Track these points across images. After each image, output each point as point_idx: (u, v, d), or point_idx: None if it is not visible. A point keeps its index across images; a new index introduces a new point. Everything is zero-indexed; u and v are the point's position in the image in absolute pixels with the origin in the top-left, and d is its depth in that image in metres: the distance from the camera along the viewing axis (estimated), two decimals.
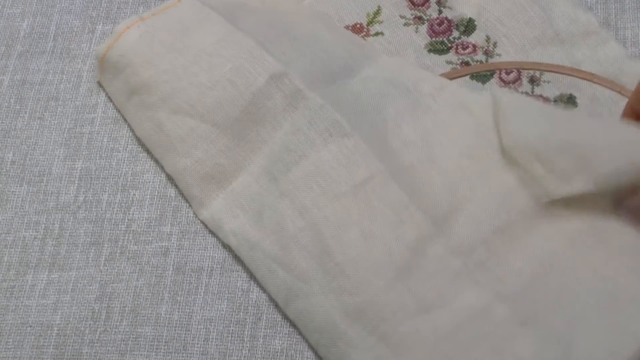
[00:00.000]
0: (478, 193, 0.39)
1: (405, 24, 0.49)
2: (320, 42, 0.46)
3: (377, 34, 0.48)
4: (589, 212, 0.37)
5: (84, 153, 0.48)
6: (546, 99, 0.44)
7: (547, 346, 0.34)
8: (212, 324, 0.42)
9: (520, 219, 0.37)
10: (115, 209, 0.46)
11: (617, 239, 0.36)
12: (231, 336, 0.42)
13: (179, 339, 0.42)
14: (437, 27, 0.48)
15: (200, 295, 0.43)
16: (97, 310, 0.43)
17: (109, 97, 0.49)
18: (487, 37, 0.47)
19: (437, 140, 0.41)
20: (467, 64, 0.47)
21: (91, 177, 0.48)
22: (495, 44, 0.47)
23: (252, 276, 0.43)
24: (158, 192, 0.47)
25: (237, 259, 0.44)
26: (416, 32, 0.48)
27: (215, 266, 0.44)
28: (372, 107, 0.42)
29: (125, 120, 0.48)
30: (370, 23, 0.49)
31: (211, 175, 0.44)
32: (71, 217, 0.46)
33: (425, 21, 0.48)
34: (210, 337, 0.42)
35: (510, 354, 0.34)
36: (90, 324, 0.43)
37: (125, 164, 0.48)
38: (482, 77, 0.45)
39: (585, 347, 0.34)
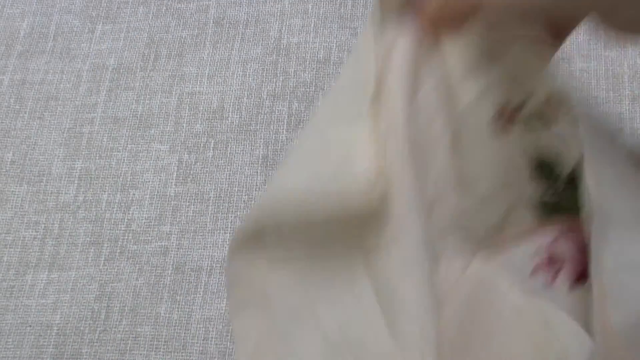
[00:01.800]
0: None
1: None
2: None
3: None
4: None
5: (83, 153, 0.48)
6: None
7: None
8: (212, 323, 0.42)
9: None
10: (114, 209, 0.46)
11: None
12: (231, 335, 0.42)
13: (179, 338, 0.42)
14: None
15: (200, 294, 0.43)
16: (96, 310, 0.43)
17: None
18: None
19: None
20: None
21: (91, 177, 0.48)
22: None
23: None
24: (158, 192, 0.46)
25: None
26: None
27: (214, 265, 0.44)
28: None
29: None
30: None
31: None
32: (71, 217, 0.46)
33: None
34: (210, 336, 0.42)
35: None
36: (89, 324, 0.43)
37: (125, 164, 0.48)
38: None
39: None
